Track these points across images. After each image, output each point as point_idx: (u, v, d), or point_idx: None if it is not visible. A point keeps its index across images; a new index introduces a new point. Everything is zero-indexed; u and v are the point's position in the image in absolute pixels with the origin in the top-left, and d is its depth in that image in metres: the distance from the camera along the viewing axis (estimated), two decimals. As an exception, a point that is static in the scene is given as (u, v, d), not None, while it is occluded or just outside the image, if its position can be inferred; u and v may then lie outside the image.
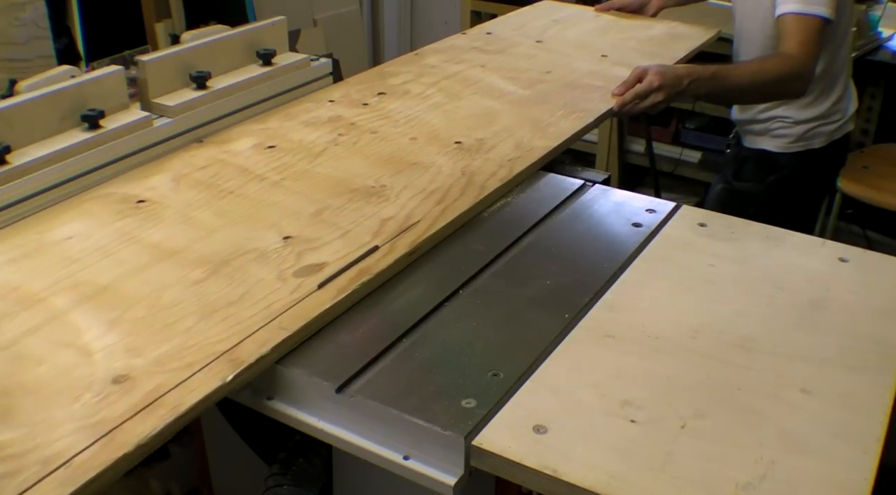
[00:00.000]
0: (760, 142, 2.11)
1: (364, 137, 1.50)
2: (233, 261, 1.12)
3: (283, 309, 1.02)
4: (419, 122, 1.58)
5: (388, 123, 1.56)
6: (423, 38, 4.20)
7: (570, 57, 1.97)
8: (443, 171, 1.38)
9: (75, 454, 0.79)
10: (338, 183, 1.33)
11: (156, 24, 2.85)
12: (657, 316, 1.08)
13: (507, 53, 1.99)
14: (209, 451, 1.36)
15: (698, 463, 0.84)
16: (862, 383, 0.96)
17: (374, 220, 1.22)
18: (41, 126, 1.31)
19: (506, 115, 1.61)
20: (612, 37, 2.13)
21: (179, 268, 1.10)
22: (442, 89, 1.74)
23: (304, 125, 1.55)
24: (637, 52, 1.99)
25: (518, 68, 1.88)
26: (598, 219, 1.35)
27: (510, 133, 1.53)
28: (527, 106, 1.66)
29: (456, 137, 1.51)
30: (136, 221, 1.22)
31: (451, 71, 1.85)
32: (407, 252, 1.15)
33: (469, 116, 1.60)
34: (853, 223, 3.11)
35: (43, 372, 0.91)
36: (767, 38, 1.94)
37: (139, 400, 0.86)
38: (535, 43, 2.08)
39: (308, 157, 1.42)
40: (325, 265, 1.11)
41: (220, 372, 0.91)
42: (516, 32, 2.16)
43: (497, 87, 1.77)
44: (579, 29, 2.20)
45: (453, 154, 1.44)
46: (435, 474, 0.89)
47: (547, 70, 1.86)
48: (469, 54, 1.97)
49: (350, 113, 1.61)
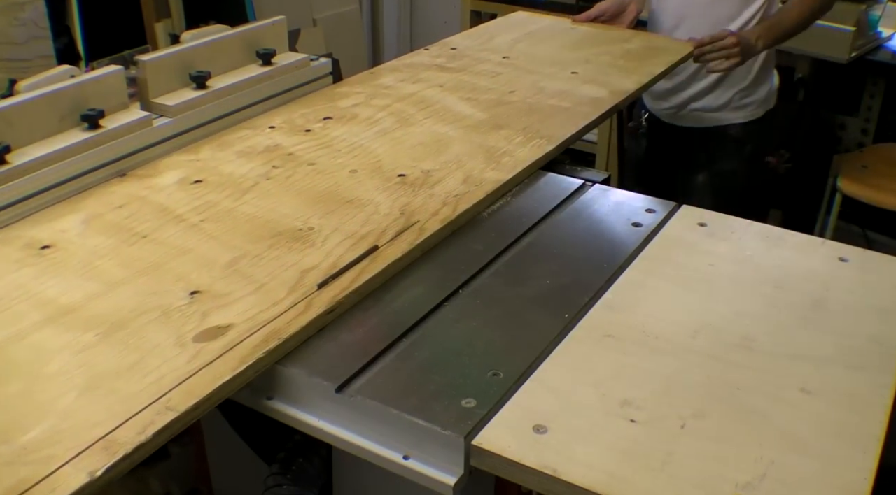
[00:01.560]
0: (724, 118, 2.19)
1: (300, 170, 1.37)
2: (131, 321, 0.99)
3: (174, 383, 0.89)
4: (363, 151, 1.44)
5: (328, 153, 1.43)
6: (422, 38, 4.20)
7: (538, 75, 1.83)
8: (380, 210, 1.25)
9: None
10: (262, 225, 1.21)
11: (156, 23, 2.85)
12: (657, 316, 1.08)
13: (469, 71, 1.85)
14: (209, 451, 1.36)
15: (698, 463, 0.84)
16: (862, 383, 0.96)
17: (293, 272, 1.09)
18: (41, 126, 1.31)
19: (458, 143, 1.48)
20: (586, 51, 2.00)
21: (72, 330, 0.98)
22: (393, 113, 1.61)
23: (238, 155, 1.42)
24: (611, 68, 1.88)
25: (479, 88, 1.75)
26: (597, 219, 1.35)
27: (460, 164, 1.40)
28: (483, 131, 1.53)
29: (400, 169, 1.38)
30: (34, 272, 1.10)
31: (407, 92, 1.72)
32: (326, 310, 1.03)
33: (418, 144, 1.47)
34: (853, 223, 3.11)
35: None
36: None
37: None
38: (501, 59, 1.94)
39: (235, 194, 1.29)
40: (230, 328, 0.98)
41: (89, 465, 0.78)
42: (483, 47, 2.02)
43: (454, 109, 1.63)
44: (552, 43, 2.07)
45: (394, 189, 1.31)
46: (435, 474, 0.89)
47: (510, 90, 1.74)
48: (428, 73, 1.84)
49: (290, 141, 1.48)
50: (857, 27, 2.82)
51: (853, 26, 2.82)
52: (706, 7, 2.10)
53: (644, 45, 2.05)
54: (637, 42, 2.07)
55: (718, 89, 2.17)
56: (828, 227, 2.86)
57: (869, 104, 3.12)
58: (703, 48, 1.98)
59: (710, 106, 2.19)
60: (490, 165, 1.40)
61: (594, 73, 1.84)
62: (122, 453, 0.80)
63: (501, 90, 1.74)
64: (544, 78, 1.81)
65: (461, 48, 2.01)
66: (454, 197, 1.30)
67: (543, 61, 1.92)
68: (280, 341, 0.96)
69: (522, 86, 1.76)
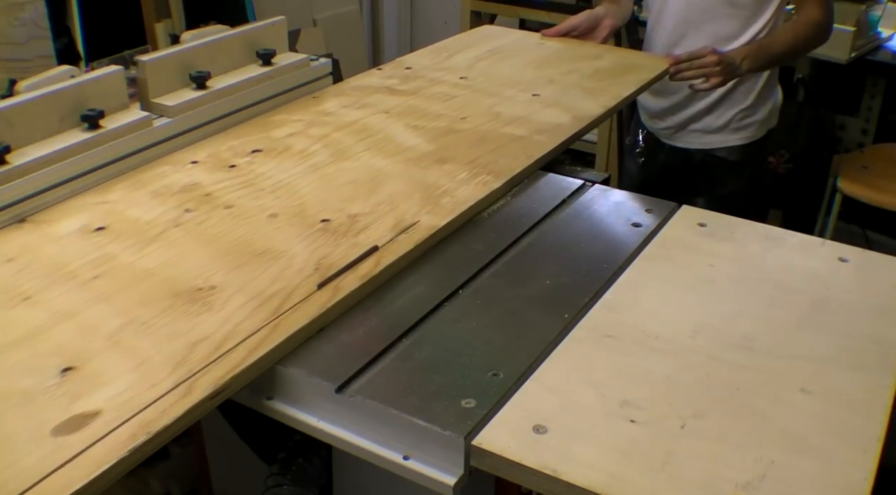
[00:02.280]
0: (723, 141, 2.07)
1: (215, 214, 1.24)
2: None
3: (22, 488, 0.76)
4: (288, 190, 1.31)
5: (249, 193, 1.30)
6: (422, 38, 4.20)
7: (496, 97, 1.69)
8: (294, 264, 1.12)
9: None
10: (160, 283, 1.07)
11: (156, 24, 2.86)
12: (657, 316, 1.08)
13: (421, 94, 1.71)
14: (209, 451, 1.36)
15: (698, 463, 0.84)
16: (862, 383, 0.96)
17: (181, 344, 0.95)
18: (41, 126, 1.31)
19: (395, 180, 1.35)
20: (552, 70, 1.85)
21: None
22: (330, 144, 1.47)
23: (151, 196, 1.29)
24: (577, 90, 1.73)
25: (429, 114, 1.61)
26: (597, 219, 1.35)
27: (393, 205, 1.27)
28: (425, 166, 1.40)
29: (325, 212, 1.24)
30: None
31: (349, 119, 1.58)
32: (209, 395, 0.88)
33: (350, 182, 1.34)
34: (853, 223, 3.11)
35: None
36: (721, 12, 1.93)
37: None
38: (458, 80, 1.79)
39: (138, 244, 1.16)
40: (97, 416, 0.84)
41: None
42: (440, 66, 1.88)
43: (397, 139, 1.50)
44: (516, 61, 1.92)
45: (315, 237, 1.18)
46: (435, 474, 0.89)
47: (462, 116, 1.60)
48: (376, 96, 1.69)
49: (210, 179, 1.34)
50: (857, 27, 2.82)
51: (853, 26, 2.82)
52: (706, 24, 1.96)
53: (616, 62, 1.91)
54: (609, 59, 1.93)
55: (719, 109, 2.04)
56: (828, 227, 2.86)
57: (869, 104, 3.12)
58: (680, 65, 1.84)
59: (710, 126, 2.07)
60: (426, 207, 1.27)
61: (557, 96, 1.70)
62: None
63: (453, 116, 1.60)
64: (502, 101, 1.67)
65: (416, 68, 1.87)
66: (381, 247, 1.16)
67: (504, 82, 1.78)
68: (149, 436, 0.82)
69: (476, 111, 1.62)
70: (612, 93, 1.72)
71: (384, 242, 1.17)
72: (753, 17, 1.93)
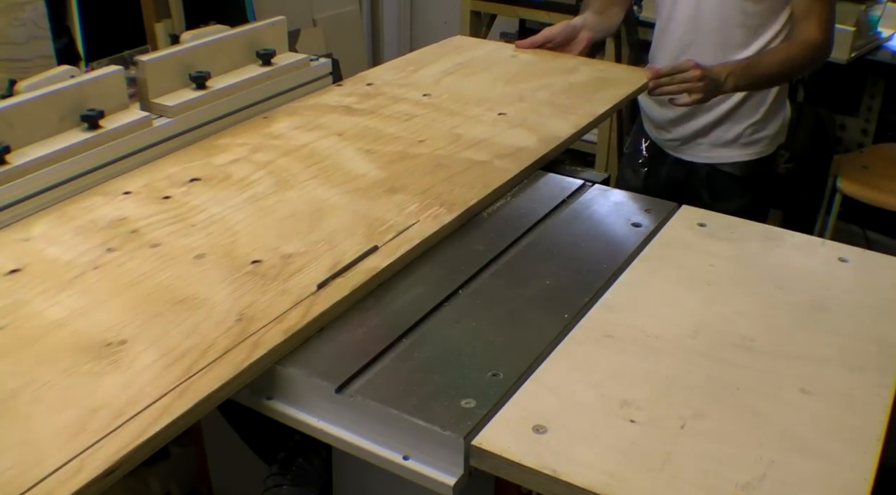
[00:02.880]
0: (731, 155, 1.99)
1: (138, 255, 1.14)
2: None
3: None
4: (221, 226, 1.20)
5: (179, 230, 1.20)
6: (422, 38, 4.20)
7: (459, 117, 1.58)
8: (214, 314, 1.01)
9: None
10: (67, 336, 0.97)
11: (155, 24, 2.85)
12: (657, 316, 1.08)
13: (379, 114, 1.60)
14: (209, 451, 1.36)
15: (698, 463, 0.84)
16: (862, 383, 0.96)
17: (78, 412, 0.85)
18: (41, 126, 1.31)
19: (339, 213, 1.24)
20: (523, 85, 1.74)
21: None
22: (274, 172, 1.36)
23: (75, 233, 1.19)
24: (547, 108, 1.63)
25: (385, 136, 1.50)
26: (597, 220, 1.35)
27: (332, 244, 1.16)
28: (373, 196, 1.29)
29: (258, 252, 1.14)
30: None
31: (299, 142, 1.47)
32: (102, 472, 0.78)
33: (289, 216, 1.23)
34: (853, 223, 3.11)
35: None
36: (731, 20, 1.86)
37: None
38: (421, 97, 1.68)
39: (52, 290, 1.06)
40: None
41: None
42: (404, 81, 1.77)
43: (346, 166, 1.39)
44: (485, 75, 1.81)
45: (242, 282, 1.08)
46: (434, 474, 0.89)
47: (421, 138, 1.49)
48: (331, 117, 1.58)
49: (141, 212, 1.24)
50: (857, 27, 2.82)
51: (853, 26, 2.81)
52: (716, 32, 1.87)
53: (592, 76, 1.81)
54: (585, 72, 1.82)
55: (728, 122, 1.95)
56: (828, 227, 2.86)
57: (869, 104, 3.12)
58: (661, 80, 1.74)
59: (719, 140, 1.98)
60: (369, 245, 1.16)
61: (526, 114, 1.60)
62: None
63: (410, 139, 1.49)
64: (465, 121, 1.57)
65: (378, 83, 1.76)
66: (310, 296, 1.05)
67: (469, 99, 1.67)
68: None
69: (436, 133, 1.52)
70: (586, 110, 1.62)
71: (312, 291, 1.06)
72: (762, 28, 1.86)
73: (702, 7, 1.88)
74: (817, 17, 1.80)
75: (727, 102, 1.92)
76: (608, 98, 1.69)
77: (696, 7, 1.89)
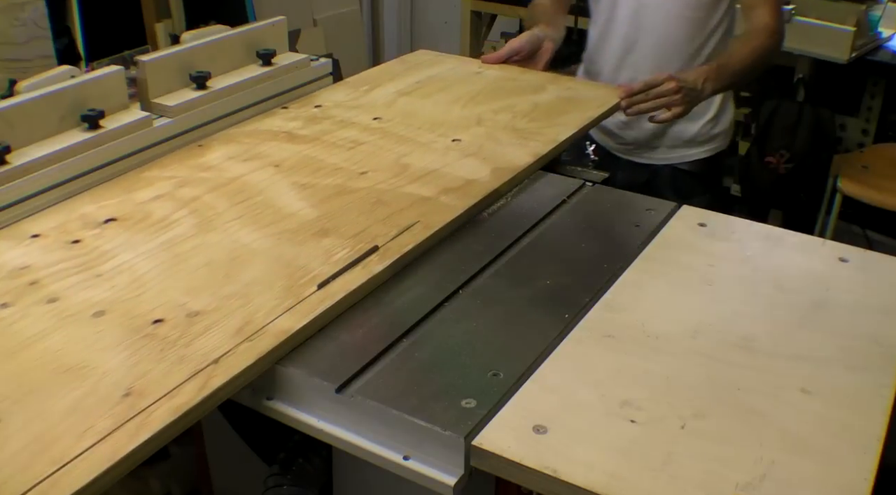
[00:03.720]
0: (689, 155, 1.95)
1: (32, 312, 1.02)
2: None
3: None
4: (129, 277, 1.09)
5: (83, 281, 1.08)
6: (423, 38, 4.20)
7: (409, 144, 1.46)
8: (100, 388, 0.89)
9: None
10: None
11: (156, 24, 2.86)
12: (657, 316, 1.08)
13: (323, 141, 1.47)
14: (209, 451, 1.36)
15: (698, 463, 0.84)
16: (862, 383, 0.96)
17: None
18: (41, 126, 1.31)
19: (260, 261, 1.12)
20: (484, 107, 1.62)
21: None
22: (197, 211, 1.24)
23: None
24: (507, 133, 1.51)
25: (325, 168, 1.37)
26: (597, 219, 1.35)
27: (247, 299, 1.04)
28: (301, 240, 1.17)
29: (162, 309, 1.02)
30: None
31: (231, 174, 1.35)
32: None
33: (205, 265, 1.11)
34: (853, 223, 3.11)
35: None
36: (675, 13, 1.82)
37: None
38: (371, 121, 1.56)
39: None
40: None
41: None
42: (357, 102, 1.65)
43: (277, 203, 1.27)
44: (444, 95, 1.68)
45: (139, 346, 0.95)
46: (435, 474, 0.89)
47: (363, 169, 1.37)
48: (271, 145, 1.46)
49: (45, 260, 1.12)
50: (857, 27, 2.82)
51: (853, 26, 2.82)
52: (658, 28, 1.82)
53: (559, 95, 1.69)
54: (552, 91, 1.70)
55: (684, 121, 1.85)
56: (828, 227, 2.86)
57: (869, 104, 3.12)
58: (635, 98, 1.64)
59: (678, 140, 1.93)
60: (286, 301, 1.04)
61: (482, 140, 1.48)
62: None
63: (351, 170, 1.37)
64: (415, 149, 1.44)
65: (328, 105, 1.64)
66: (213, 363, 0.93)
67: (423, 123, 1.55)
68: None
69: (381, 163, 1.40)
70: (548, 136, 1.49)
71: (219, 354, 0.94)
72: (705, 20, 1.83)
73: (644, 3, 1.84)
74: (767, 3, 1.78)
75: None
76: (574, 121, 1.57)
77: (639, 4, 1.85)
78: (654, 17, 1.84)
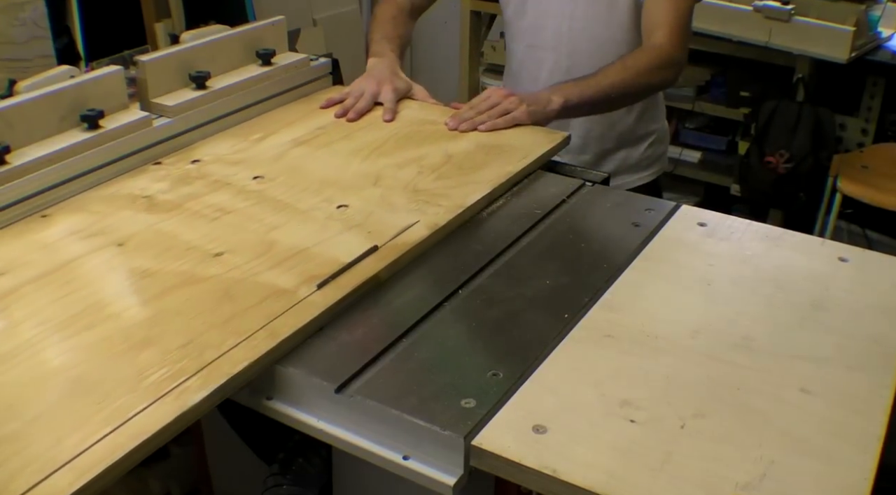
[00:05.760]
0: (639, 179, 1.89)
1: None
2: None
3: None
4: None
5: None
6: (422, 38, 4.20)
7: (286, 212, 1.24)
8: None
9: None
10: None
11: (155, 24, 2.85)
12: (657, 316, 1.08)
13: (186, 209, 1.25)
14: (209, 451, 1.36)
15: (698, 463, 0.84)
16: (862, 383, 0.96)
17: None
18: (41, 126, 1.31)
19: (56, 388, 0.89)
20: (387, 160, 1.40)
21: None
22: (5, 311, 1.02)
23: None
24: (406, 195, 1.29)
25: (177, 246, 1.15)
26: (597, 219, 1.35)
27: (25, 444, 0.81)
28: (115, 354, 0.95)
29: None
30: None
31: (65, 257, 1.13)
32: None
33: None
34: (853, 223, 3.11)
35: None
36: (622, 27, 1.73)
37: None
38: (250, 181, 1.33)
39: None
40: None
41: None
42: (244, 153, 1.43)
43: (105, 299, 1.05)
44: (345, 145, 1.46)
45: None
46: (434, 474, 0.89)
47: (221, 249, 1.14)
48: (125, 213, 1.24)
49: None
50: (857, 27, 2.82)
51: (853, 26, 2.82)
52: (595, 54, 1.73)
53: (482, 142, 1.47)
54: (472, 138, 1.48)
55: (627, 147, 1.82)
56: (828, 227, 2.86)
57: (869, 104, 3.12)
58: (461, 115, 1.52)
59: (623, 164, 1.86)
60: (66, 450, 0.80)
61: (373, 206, 1.26)
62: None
63: (206, 250, 1.14)
64: (291, 219, 1.22)
65: (209, 159, 1.41)
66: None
67: (311, 183, 1.32)
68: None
69: (245, 239, 1.17)
70: (454, 200, 1.28)
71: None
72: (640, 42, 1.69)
73: (573, 27, 1.76)
74: (666, 23, 1.63)
75: (624, 122, 1.82)
76: (489, 178, 1.34)
77: (568, 27, 1.77)
78: (586, 44, 1.76)
